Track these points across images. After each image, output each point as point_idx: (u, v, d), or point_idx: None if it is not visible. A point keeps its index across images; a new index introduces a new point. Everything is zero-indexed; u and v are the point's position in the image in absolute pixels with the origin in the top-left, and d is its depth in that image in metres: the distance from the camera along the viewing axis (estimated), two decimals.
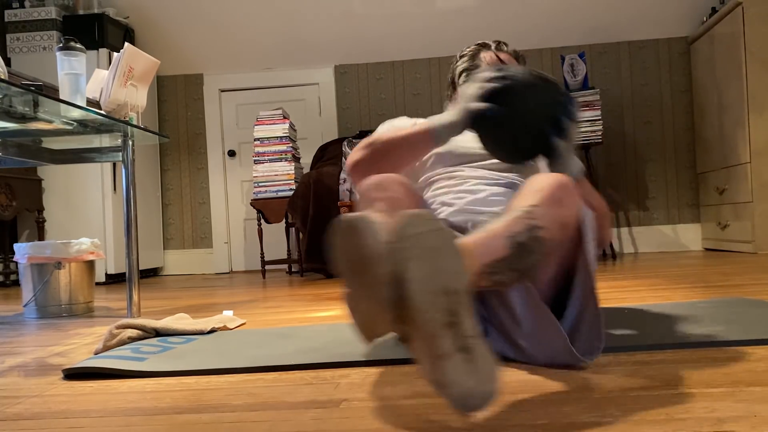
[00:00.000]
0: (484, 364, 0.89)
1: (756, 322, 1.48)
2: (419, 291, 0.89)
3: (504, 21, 4.85)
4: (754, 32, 3.99)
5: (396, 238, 0.91)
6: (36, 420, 1.04)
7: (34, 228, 4.51)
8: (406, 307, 0.91)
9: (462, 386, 0.86)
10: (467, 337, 0.89)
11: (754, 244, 3.96)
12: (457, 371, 0.87)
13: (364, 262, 0.93)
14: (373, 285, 0.92)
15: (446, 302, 0.90)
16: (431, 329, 0.89)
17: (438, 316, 0.89)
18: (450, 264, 0.92)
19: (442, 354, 0.88)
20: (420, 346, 0.92)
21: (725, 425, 0.82)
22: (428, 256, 0.90)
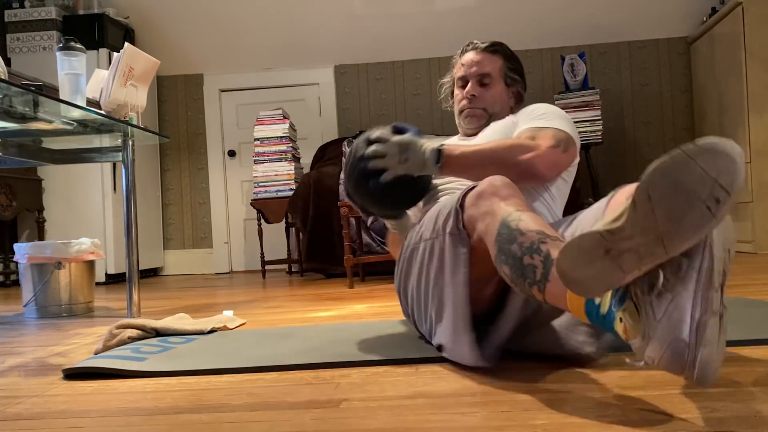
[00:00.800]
0: (725, 337, 0.88)
1: (756, 322, 1.48)
2: (720, 241, 0.88)
3: (504, 21, 4.85)
4: (754, 32, 3.99)
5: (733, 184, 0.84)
6: (36, 420, 1.04)
7: (34, 228, 4.51)
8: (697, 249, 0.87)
9: (712, 350, 0.84)
10: (724, 305, 0.89)
11: (754, 244, 3.96)
12: (713, 333, 0.85)
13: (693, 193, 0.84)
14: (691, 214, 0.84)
15: (727, 263, 0.89)
16: (713, 281, 0.86)
17: (720, 274, 0.88)
18: (731, 231, 0.91)
19: (713, 309, 0.85)
20: (683, 300, 0.86)
21: (725, 425, 0.82)
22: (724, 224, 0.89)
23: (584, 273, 0.90)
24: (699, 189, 0.82)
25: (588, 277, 0.90)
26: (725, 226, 0.89)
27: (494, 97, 1.75)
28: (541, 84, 5.02)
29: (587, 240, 0.90)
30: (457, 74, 1.78)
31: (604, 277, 0.89)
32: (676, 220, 0.83)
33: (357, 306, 2.39)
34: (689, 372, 0.83)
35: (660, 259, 0.86)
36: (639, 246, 0.86)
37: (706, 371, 0.83)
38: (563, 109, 4.28)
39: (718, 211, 0.82)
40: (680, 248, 0.85)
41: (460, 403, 0.99)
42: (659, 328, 0.86)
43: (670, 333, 0.85)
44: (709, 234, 0.86)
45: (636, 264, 0.87)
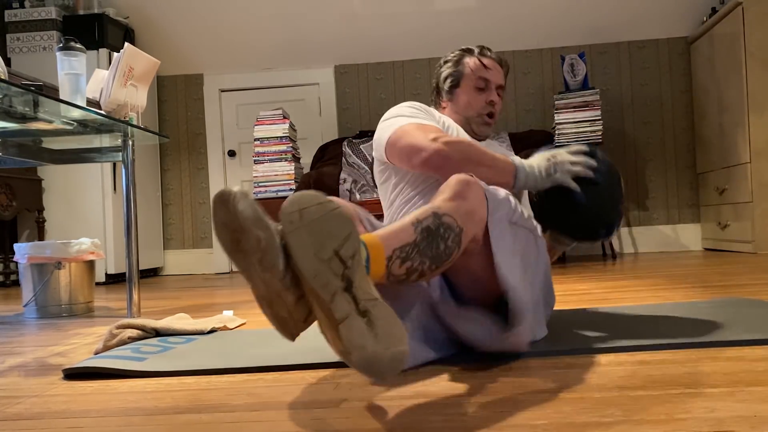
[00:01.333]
0: (388, 326, 0.90)
1: (756, 322, 1.48)
2: (306, 258, 0.91)
3: (504, 21, 4.85)
4: (754, 32, 3.99)
5: (281, 216, 0.94)
6: (36, 420, 1.04)
7: (34, 228, 4.51)
8: (300, 279, 0.93)
9: (366, 350, 0.87)
10: (366, 300, 0.91)
11: (754, 244, 3.96)
12: (359, 335, 0.88)
13: (243, 238, 0.94)
14: (261, 260, 0.93)
15: (338, 267, 0.91)
16: (327, 295, 0.90)
17: (332, 281, 0.90)
18: (337, 230, 0.93)
19: (341, 318, 0.89)
20: (321, 318, 0.93)
21: (725, 425, 0.82)
22: (312, 227, 0.92)
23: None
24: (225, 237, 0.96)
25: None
26: (314, 239, 0.92)
27: (500, 111, 1.80)
28: (541, 84, 5.02)
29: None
30: (480, 74, 1.74)
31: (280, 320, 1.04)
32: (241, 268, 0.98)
33: None
34: (369, 374, 0.90)
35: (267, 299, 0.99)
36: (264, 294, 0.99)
37: (371, 369, 0.89)
38: (563, 109, 4.29)
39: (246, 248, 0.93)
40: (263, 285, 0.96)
41: (460, 403, 0.99)
42: (332, 347, 0.97)
43: (336, 349, 0.94)
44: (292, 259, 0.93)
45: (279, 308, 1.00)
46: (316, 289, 0.90)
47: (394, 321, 0.91)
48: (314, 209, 0.93)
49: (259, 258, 0.92)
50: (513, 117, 5.04)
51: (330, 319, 0.91)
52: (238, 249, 0.94)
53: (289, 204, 0.93)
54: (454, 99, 1.77)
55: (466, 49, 1.80)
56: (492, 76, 1.75)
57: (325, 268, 0.91)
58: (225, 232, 0.94)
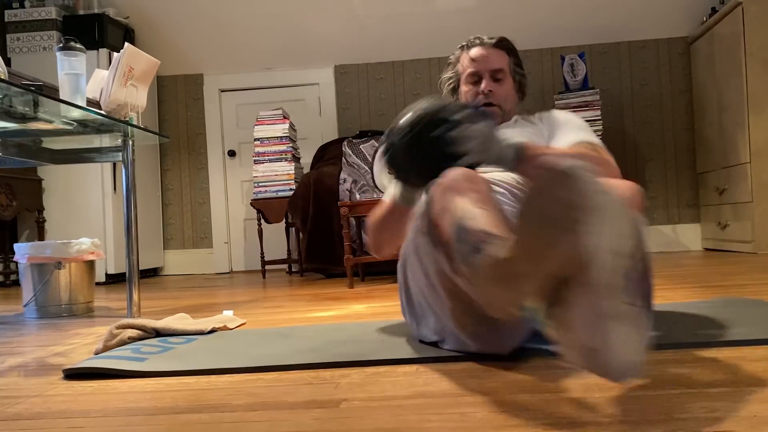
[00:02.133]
0: (641, 335, 0.90)
1: (756, 322, 1.48)
2: (603, 249, 0.90)
3: (504, 21, 4.84)
4: (754, 32, 3.99)
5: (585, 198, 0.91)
6: (36, 420, 1.04)
7: (34, 228, 4.51)
8: (581, 264, 0.90)
9: (618, 351, 0.86)
10: (633, 304, 0.90)
11: (754, 244, 3.96)
12: (618, 335, 0.87)
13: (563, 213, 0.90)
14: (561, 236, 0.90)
15: (621, 264, 0.91)
16: (604, 289, 0.89)
17: (612, 277, 0.90)
18: (626, 228, 0.93)
19: (612, 314, 0.88)
20: (583, 310, 0.90)
21: (725, 425, 0.82)
22: (611, 219, 0.91)
23: (489, 294, 0.99)
24: (556, 212, 0.90)
25: (492, 297, 0.99)
26: (613, 232, 0.91)
27: (507, 93, 1.76)
28: (541, 84, 5.02)
29: (485, 267, 0.98)
30: (468, 69, 1.76)
31: (505, 298, 0.97)
32: (546, 242, 0.91)
33: (357, 306, 2.39)
34: (608, 375, 0.88)
35: (544, 277, 0.93)
36: (525, 269, 0.93)
37: (619, 372, 0.87)
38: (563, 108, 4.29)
39: (578, 229, 0.89)
40: (556, 265, 0.92)
41: (460, 403, 0.99)
42: (569, 337, 0.92)
43: (579, 341, 0.90)
44: (586, 246, 0.90)
45: (529, 285, 0.94)
46: (597, 279, 0.89)
47: (645, 333, 0.92)
48: (614, 204, 0.93)
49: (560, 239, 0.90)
50: None
51: (598, 311, 0.89)
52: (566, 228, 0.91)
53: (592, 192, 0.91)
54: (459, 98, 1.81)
55: (462, 45, 1.82)
56: (481, 65, 1.75)
57: (615, 263, 0.91)
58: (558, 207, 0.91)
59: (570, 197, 0.90)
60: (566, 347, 0.92)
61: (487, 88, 1.73)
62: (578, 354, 0.90)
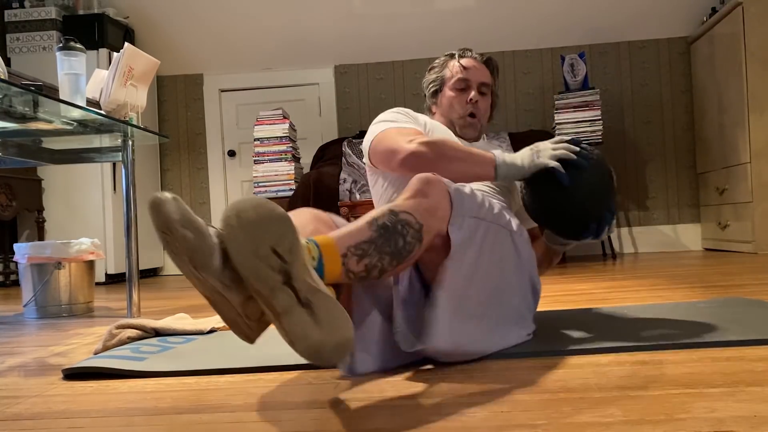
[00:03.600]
0: (330, 315, 0.93)
1: (756, 322, 1.48)
2: (243, 256, 0.94)
3: (504, 21, 4.84)
4: (754, 32, 3.99)
5: (221, 221, 0.98)
6: (36, 420, 1.04)
7: (34, 228, 4.51)
8: (240, 279, 0.97)
9: (310, 339, 0.90)
10: (307, 291, 0.94)
11: (754, 244, 3.96)
12: (302, 325, 0.91)
13: (170, 239, 0.97)
14: (192, 259, 0.96)
15: (276, 262, 0.94)
16: (266, 290, 0.93)
17: (270, 276, 0.93)
18: (273, 228, 0.96)
19: (284, 310, 0.92)
20: (268, 313, 0.96)
21: (725, 425, 0.82)
22: (249, 227, 0.95)
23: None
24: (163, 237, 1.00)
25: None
26: (252, 236, 0.95)
27: (486, 110, 1.82)
28: (541, 84, 5.02)
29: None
30: (458, 75, 1.79)
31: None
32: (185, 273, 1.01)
33: None
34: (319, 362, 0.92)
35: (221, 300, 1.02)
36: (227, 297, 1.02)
37: (318, 356, 0.91)
38: (563, 109, 4.30)
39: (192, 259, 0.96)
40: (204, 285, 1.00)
41: (460, 403, 0.99)
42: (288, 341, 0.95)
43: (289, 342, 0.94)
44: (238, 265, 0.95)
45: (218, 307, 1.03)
46: (255, 286, 0.94)
47: (337, 309, 0.94)
48: (251, 212, 0.96)
49: (190, 257, 0.96)
50: (513, 117, 5.04)
51: (273, 313, 0.94)
52: (170, 250, 0.98)
53: (228, 209, 0.98)
54: (438, 103, 1.84)
55: (450, 54, 1.88)
56: (472, 75, 1.78)
57: (263, 264, 0.94)
58: (161, 236, 0.98)
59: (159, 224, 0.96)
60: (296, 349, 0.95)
61: (476, 99, 1.76)
62: (293, 350, 0.93)
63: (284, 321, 0.92)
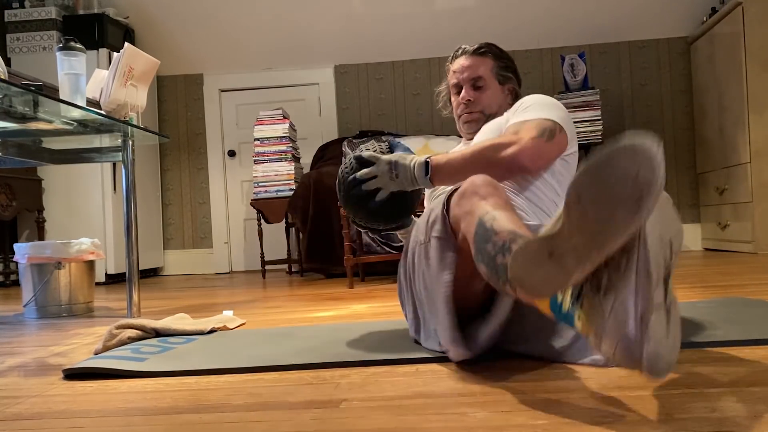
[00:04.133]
0: (677, 329, 0.90)
1: (756, 322, 1.48)
2: (654, 235, 0.90)
3: (504, 21, 4.84)
4: (754, 32, 3.99)
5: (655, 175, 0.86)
6: (36, 420, 1.04)
7: (34, 228, 4.51)
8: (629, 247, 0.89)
9: (658, 344, 0.85)
10: (671, 295, 0.90)
11: (754, 244, 3.96)
12: (659, 327, 0.86)
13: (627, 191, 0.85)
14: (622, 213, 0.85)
15: (668, 255, 0.91)
16: (650, 277, 0.87)
17: (662, 266, 0.89)
18: (675, 225, 0.94)
19: (655, 306, 0.87)
20: (624, 297, 0.88)
21: (725, 425, 0.82)
22: (662, 210, 0.92)
23: (533, 276, 0.94)
24: (621, 187, 0.84)
25: (536, 279, 0.94)
26: (662, 219, 0.91)
27: (490, 99, 1.77)
28: (541, 84, 5.02)
29: (532, 245, 0.94)
30: (451, 81, 1.80)
31: (550, 280, 0.92)
32: (605, 219, 0.85)
33: (357, 306, 2.39)
34: (641, 367, 0.85)
35: (598, 257, 0.88)
36: (577, 247, 0.89)
37: (656, 365, 0.85)
38: None
39: (642, 207, 0.84)
40: (613, 245, 0.87)
41: (460, 403, 0.99)
42: (608, 326, 0.89)
43: (618, 330, 0.87)
44: (641, 229, 0.88)
45: (577, 264, 0.89)
46: (648, 269, 0.88)
47: (679, 327, 0.91)
48: (664, 198, 0.94)
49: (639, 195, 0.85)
50: None
51: (641, 302, 0.87)
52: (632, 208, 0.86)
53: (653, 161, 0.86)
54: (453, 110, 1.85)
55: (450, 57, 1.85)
56: (461, 76, 1.77)
57: (663, 251, 0.91)
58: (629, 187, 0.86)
59: (640, 173, 0.84)
60: (598, 338, 0.90)
61: (466, 98, 1.76)
62: (613, 344, 0.88)
63: (648, 317, 0.87)
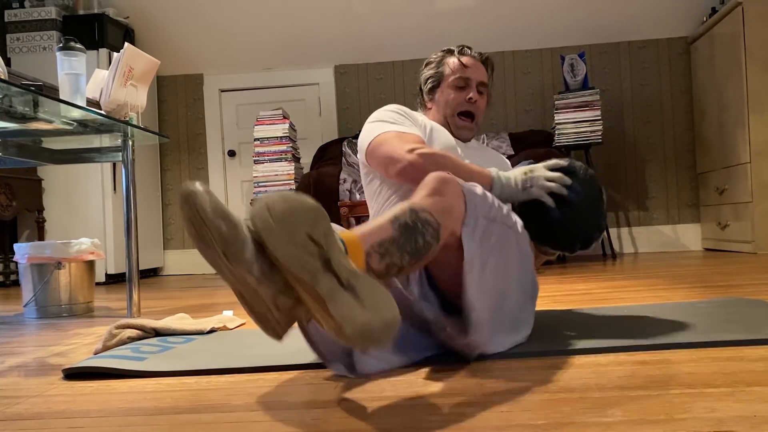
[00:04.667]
0: (374, 295, 0.93)
1: (756, 322, 1.48)
2: (281, 246, 0.93)
3: (504, 21, 4.85)
4: (754, 32, 3.99)
5: (251, 218, 0.97)
6: (36, 420, 1.04)
7: (34, 228, 4.51)
8: (276, 271, 0.96)
9: (358, 320, 0.90)
10: (348, 273, 0.94)
11: (754, 244, 3.96)
12: (348, 307, 0.91)
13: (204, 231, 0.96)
14: (225, 251, 0.95)
15: (313, 248, 0.94)
16: (308, 276, 0.93)
17: (310, 262, 0.93)
18: (305, 216, 0.96)
19: (327, 295, 0.92)
20: (309, 302, 0.95)
21: (725, 425, 0.82)
22: (282, 219, 0.95)
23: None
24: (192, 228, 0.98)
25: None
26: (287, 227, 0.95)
27: (483, 108, 1.80)
28: (541, 84, 5.02)
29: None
30: (458, 74, 1.78)
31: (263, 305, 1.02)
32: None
33: None
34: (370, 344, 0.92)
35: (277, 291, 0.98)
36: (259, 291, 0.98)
37: (367, 337, 0.90)
38: (563, 109, 4.29)
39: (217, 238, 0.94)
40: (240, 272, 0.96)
41: (460, 403, 0.99)
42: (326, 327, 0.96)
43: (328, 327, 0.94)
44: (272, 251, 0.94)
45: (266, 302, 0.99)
46: (297, 274, 0.93)
47: (379, 289, 0.94)
48: (280, 203, 0.96)
49: (223, 249, 0.95)
50: (513, 117, 5.04)
51: (317, 300, 0.93)
52: (202, 242, 0.97)
53: (256, 206, 0.97)
54: (435, 99, 1.82)
55: (448, 50, 1.84)
56: (472, 73, 1.77)
57: (301, 251, 0.93)
58: (191, 228, 0.97)
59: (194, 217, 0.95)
60: (332, 335, 0.95)
61: (475, 98, 1.76)
62: (339, 338, 0.92)
63: (330, 306, 0.91)
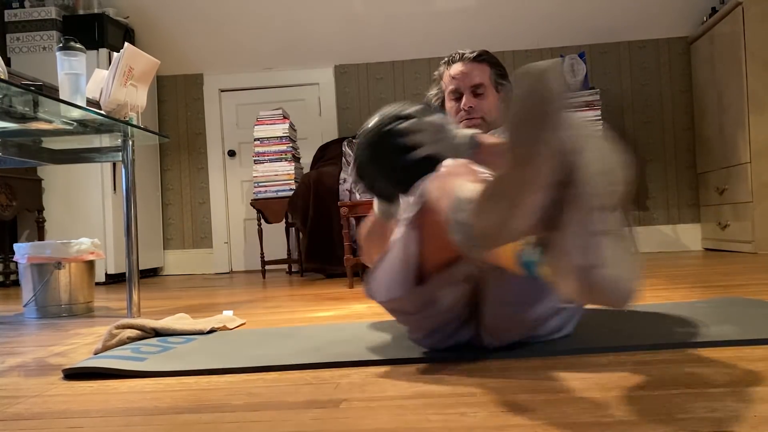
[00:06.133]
0: (634, 256, 0.91)
1: (756, 322, 1.48)
2: (592, 166, 0.92)
3: (504, 21, 4.84)
4: (754, 32, 3.99)
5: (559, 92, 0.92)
6: (36, 420, 1.04)
7: (34, 228, 4.51)
8: (572, 184, 0.92)
9: (616, 267, 0.87)
10: (625, 226, 0.92)
11: (754, 244, 3.96)
12: (614, 251, 0.88)
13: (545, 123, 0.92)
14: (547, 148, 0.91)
15: (611, 186, 0.93)
16: (595, 205, 0.90)
17: (602, 195, 0.91)
18: (613, 155, 0.96)
19: (604, 230, 0.89)
20: (576, 229, 0.91)
21: (725, 425, 0.82)
22: (598, 145, 0.94)
23: (487, 224, 0.97)
24: (526, 107, 0.91)
25: (490, 225, 0.97)
26: (595, 148, 0.94)
27: (490, 106, 1.79)
28: None
29: (483, 194, 0.99)
30: (449, 87, 1.79)
31: (501, 222, 0.95)
32: (524, 140, 0.91)
33: (357, 306, 2.39)
34: (606, 295, 0.88)
35: (537, 184, 0.92)
36: (514, 179, 0.93)
37: (617, 291, 0.88)
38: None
39: (561, 121, 0.90)
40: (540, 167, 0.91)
41: (460, 403, 0.99)
42: (564, 262, 0.91)
43: (573, 262, 0.89)
44: (573, 157, 0.91)
45: (517, 195, 0.93)
46: (588, 197, 0.91)
47: (638, 257, 0.94)
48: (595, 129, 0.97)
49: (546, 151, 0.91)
50: None
51: (590, 227, 0.90)
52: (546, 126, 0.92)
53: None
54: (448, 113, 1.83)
55: (445, 61, 1.84)
56: (460, 82, 1.77)
57: (606, 180, 0.92)
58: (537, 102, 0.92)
59: (546, 93, 0.91)
60: (563, 278, 0.92)
61: (467, 105, 1.76)
62: (575, 279, 0.90)
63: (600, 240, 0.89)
